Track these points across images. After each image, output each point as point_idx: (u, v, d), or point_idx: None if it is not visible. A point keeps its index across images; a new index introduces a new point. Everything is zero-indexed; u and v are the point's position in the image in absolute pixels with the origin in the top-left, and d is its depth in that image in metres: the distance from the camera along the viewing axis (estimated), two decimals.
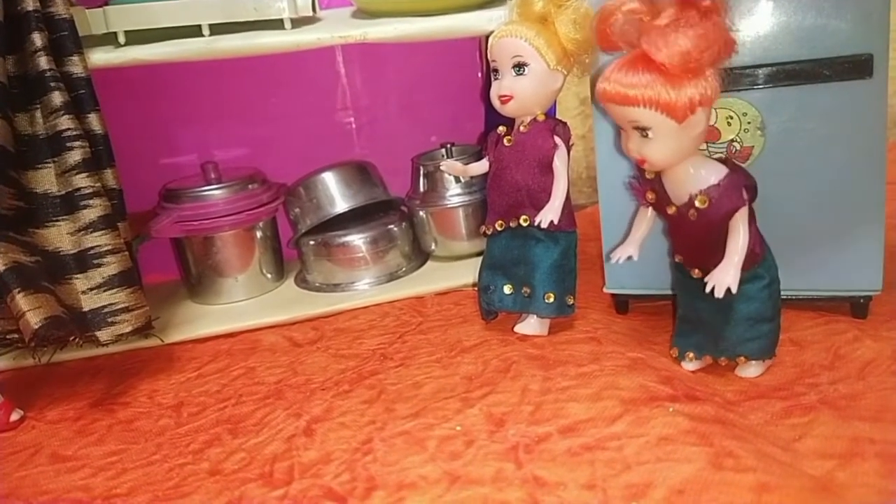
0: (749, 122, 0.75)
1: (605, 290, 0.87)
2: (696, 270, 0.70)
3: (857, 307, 0.78)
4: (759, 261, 0.68)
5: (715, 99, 0.62)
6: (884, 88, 0.71)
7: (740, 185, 0.64)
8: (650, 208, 0.73)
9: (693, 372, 0.73)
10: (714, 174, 0.65)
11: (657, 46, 0.59)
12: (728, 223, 0.65)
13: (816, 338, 0.76)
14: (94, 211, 0.81)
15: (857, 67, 0.70)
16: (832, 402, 0.65)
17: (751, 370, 0.72)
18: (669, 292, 0.84)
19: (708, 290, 0.65)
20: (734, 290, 0.64)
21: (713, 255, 0.66)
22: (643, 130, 0.63)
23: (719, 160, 0.67)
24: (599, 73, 0.78)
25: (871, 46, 0.70)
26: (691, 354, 0.73)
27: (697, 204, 0.65)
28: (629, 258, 0.74)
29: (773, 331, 0.70)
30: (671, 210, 0.68)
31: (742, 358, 0.71)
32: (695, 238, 0.68)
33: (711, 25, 0.60)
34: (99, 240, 0.81)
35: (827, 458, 0.58)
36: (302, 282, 1.06)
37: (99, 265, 0.81)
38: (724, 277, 0.64)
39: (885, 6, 0.69)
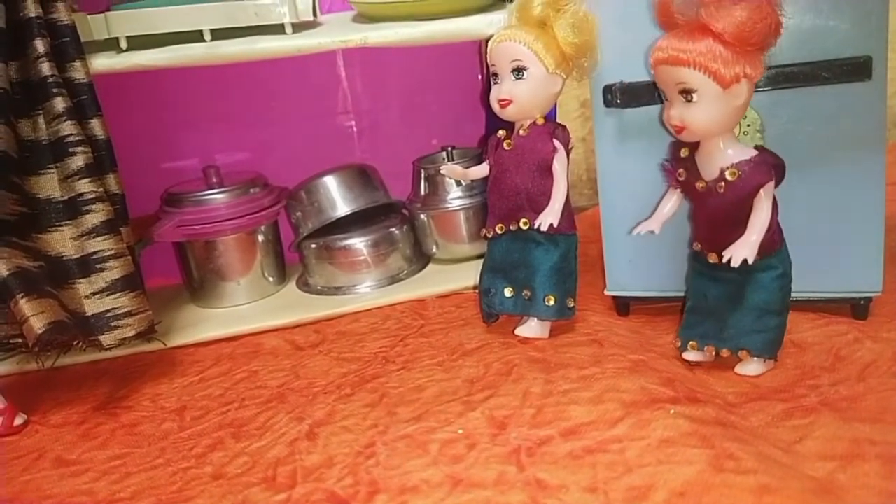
0: (749, 125, 0.75)
1: (605, 292, 0.87)
2: (713, 255, 0.71)
3: (858, 309, 0.78)
4: (776, 249, 0.69)
5: (757, 78, 0.66)
6: (883, 90, 0.72)
7: (770, 162, 0.67)
8: (678, 190, 0.74)
9: (691, 367, 0.74)
10: (746, 152, 0.68)
11: (715, 17, 0.63)
12: (753, 200, 0.67)
13: (817, 339, 0.76)
14: (96, 216, 0.81)
15: (856, 70, 0.71)
16: (833, 404, 0.65)
17: (751, 367, 0.72)
18: (670, 294, 0.84)
19: (724, 260, 0.67)
20: (750, 261, 0.66)
21: (733, 234, 0.68)
22: (688, 94, 0.66)
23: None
24: (599, 75, 0.79)
25: (870, 49, 0.70)
26: (693, 343, 0.74)
27: (728, 176, 0.67)
28: (651, 232, 0.76)
29: (778, 327, 0.71)
30: (700, 185, 0.70)
31: (744, 352, 0.72)
32: (719, 214, 0.70)
33: (766, 1, 0.63)
34: (102, 244, 0.81)
35: (828, 459, 0.58)
36: (304, 285, 1.07)
37: (102, 270, 0.81)
38: (742, 249, 0.66)
39: (883, 8, 0.70)
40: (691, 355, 0.75)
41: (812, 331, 0.77)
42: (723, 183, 0.68)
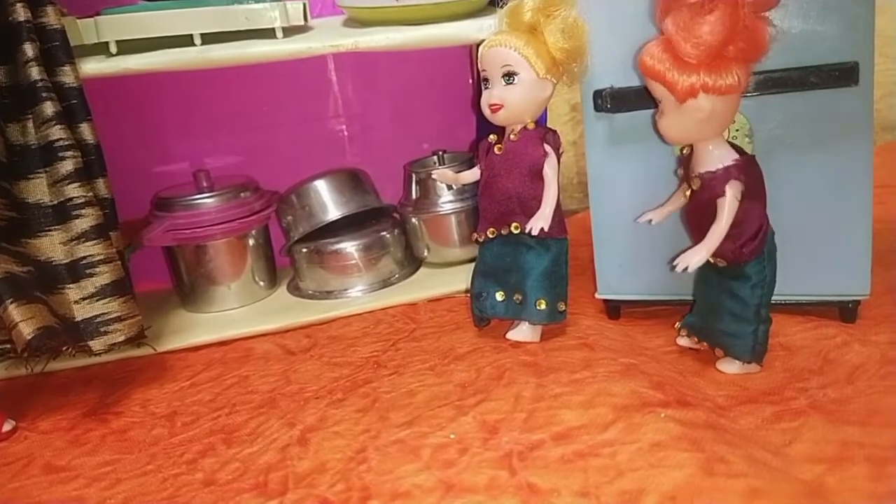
0: (737, 130, 0.76)
1: (596, 295, 0.87)
2: None
3: (846, 312, 0.79)
4: (746, 259, 0.69)
5: (729, 93, 0.65)
6: (869, 95, 0.72)
7: (731, 177, 0.67)
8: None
9: (681, 370, 0.74)
10: (720, 161, 0.68)
11: (675, 30, 0.63)
12: (715, 209, 0.67)
13: (806, 342, 0.76)
14: (86, 220, 0.81)
15: (844, 75, 0.71)
16: (822, 407, 0.65)
17: (729, 366, 0.73)
18: (661, 298, 0.84)
19: (673, 263, 0.68)
20: (690, 271, 0.67)
21: (700, 238, 0.68)
22: (657, 102, 0.68)
23: (738, 150, 0.69)
24: (590, 80, 0.79)
25: (857, 54, 0.71)
26: (684, 331, 0.78)
27: (692, 185, 0.69)
28: (649, 221, 0.77)
29: (753, 335, 0.71)
30: (684, 186, 0.72)
31: (719, 350, 0.73)
32: (692, 217, 0.72)
33: (730, 15, 0.61)
34: (91, 249, 0.81)
35: (817, 462, 0.58)
36: (295, 289, 1.07)
37: (91, 275, 0.81)
38: (691, 256, 0.67)
39: (870, 14, 0.70)
40: (681, 341, 0.78)
41: (801, 333, 0.78)
42: (690, 191, 0.69)
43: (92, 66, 0.85)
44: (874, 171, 0.75)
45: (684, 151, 0.73)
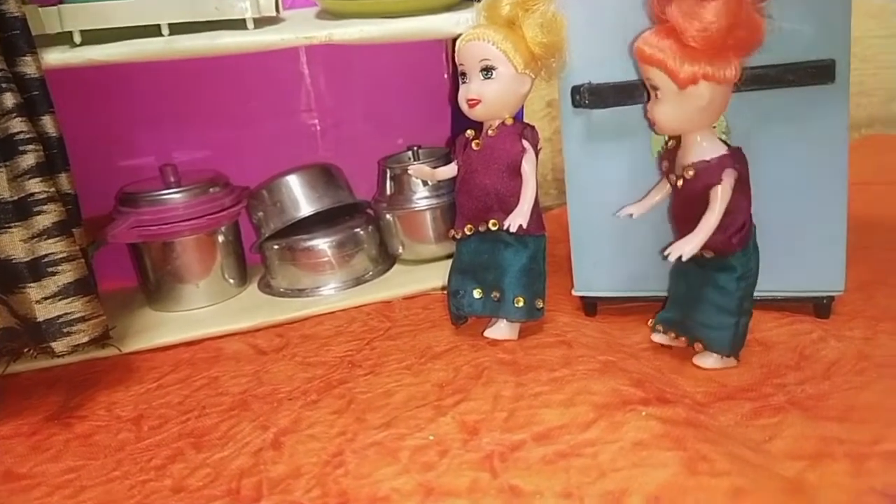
0: (714, 127, 0.75)
1: (573, 292, 0.87)
2: None
3: (821, 307, 0.80)
4: (733, 251, 0.70)
5: (727, 82, 0.66)
6: (846, 92, 0.73)
7: (726, 166, 0.67)
8: (667, 180, 0.75)
9: (660, 367, 0.74)
10: (712, 151, 0.69)
11: (678, 17, 0.64)
12: (708, 199, 0.67)
13: (781, 338, 0.77)
14: (48, 217, 0.78)
15: (821, 72, 0.72)
16: (800, 403, 0.66)
17: (706, 361, 0.73)
18: (637, 294, 0.84)
19: (665, 253, 0.68)
20: (684, 259, 0.67)
21: (689, 229, 0.68)
22: (654, 90, 0.68)
23: (725, 144, 0.70)
24: (568, 76, 0.79)
25: (834, 52, 0.71)
26: (660, 327, 0.77)
27: (686, 174, 0.69)
28: (630, 216, 0.77)
29: (734, 326, 0.71)
30: (672, 178, 0.72)
31: (699, 344, 0.73)
32: (680, 209, 0.72)
33: (735, 1, 0.63)
34: (53, 247, 0.78)
35: (797, 458, 0.58)
36: (266, 287, 1.04)
37: (53, 273, 0.78)
38: (683, 246, 0.67)
39: (846, 14, 0.71)
40: (657, 337, 0.78)
41: (776, 329, 0.78)
42: (682, 180, 0.69)
43: (54, 57, 0.82)
44: (850, 168, 0.75)
45: (669, 144, 0.73)
